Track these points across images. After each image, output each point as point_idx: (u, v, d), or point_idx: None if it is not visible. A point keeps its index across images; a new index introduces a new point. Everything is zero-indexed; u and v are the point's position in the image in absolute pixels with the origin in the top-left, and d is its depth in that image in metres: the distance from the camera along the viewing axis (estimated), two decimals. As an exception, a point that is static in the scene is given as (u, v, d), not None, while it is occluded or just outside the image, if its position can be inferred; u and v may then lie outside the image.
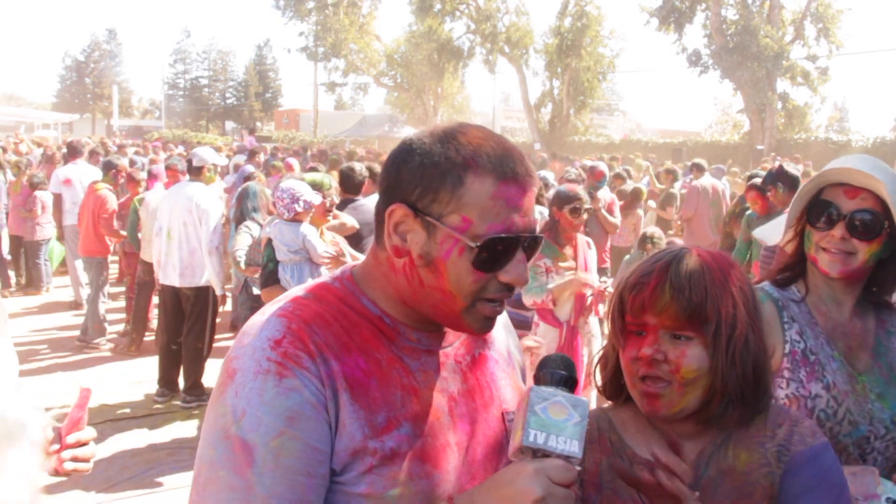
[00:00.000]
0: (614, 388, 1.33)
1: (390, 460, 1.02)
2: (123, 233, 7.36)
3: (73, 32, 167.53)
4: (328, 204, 4.54)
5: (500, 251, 1.02)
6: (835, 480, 1.21)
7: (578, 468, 0.98)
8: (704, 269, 1.20)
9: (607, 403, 1.40)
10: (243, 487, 0.96)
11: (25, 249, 9.37)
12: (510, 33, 30.10)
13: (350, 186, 5.50)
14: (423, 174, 1.03)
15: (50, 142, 20.00)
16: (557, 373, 1.05)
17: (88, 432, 1.59)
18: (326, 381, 1.00)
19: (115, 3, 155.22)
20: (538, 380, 1.06)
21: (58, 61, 78.38)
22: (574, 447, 0.97)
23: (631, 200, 8.65)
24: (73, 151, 8.64)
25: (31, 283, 9.44)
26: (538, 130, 30.63)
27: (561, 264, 4.40)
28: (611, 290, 4.87)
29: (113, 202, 7.31)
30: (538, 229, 1.14)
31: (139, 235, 6.98)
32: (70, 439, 1.55)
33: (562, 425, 0.98)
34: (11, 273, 9.76)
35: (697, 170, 9.23)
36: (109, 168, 7.71)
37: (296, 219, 4.27)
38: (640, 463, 1.23)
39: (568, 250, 4.47)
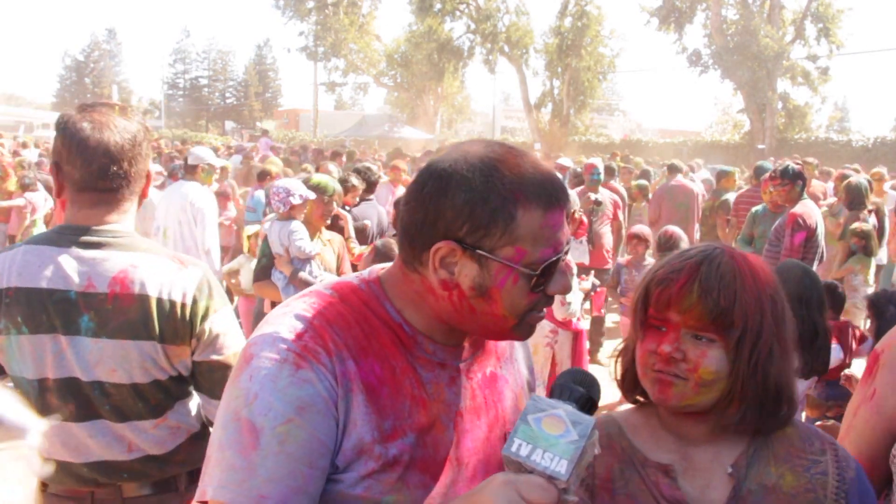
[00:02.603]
0: (631, 380, 1.30)
1: (391, 467, 1.04)
2: None
3: (72, 32, 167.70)
4: (326, 209, 4.54)
5: (552, 271, 1.06)
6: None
7: (573, 499, 0.89)
8: (736, 273, 1.17)
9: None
10: (245, 468, 0.97)
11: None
12: (510, 33, 30.06)
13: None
14: (471, 211, 1.02)
15: (51, 142, 20.00)
16: (574, 388, 0.96)
17: None
18: (341, 379, 1.02)
19: (115, 3, 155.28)
20: (551, 392, 1.00)
21: (58, 61, 78.39)
22: (561, 467, 0.86)
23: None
24: None
25: None
26: (538, 130, 30.61)
27: None
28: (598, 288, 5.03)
29: None
30: None
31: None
32: None
33: (553, 441, 0.88)
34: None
35: (671, 171, 9.12)
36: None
37: (289, 216, 4.30)
38: (652, 466, 1.22)
39: None
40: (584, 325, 4.95)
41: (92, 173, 1.67)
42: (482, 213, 1.01)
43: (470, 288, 1.05)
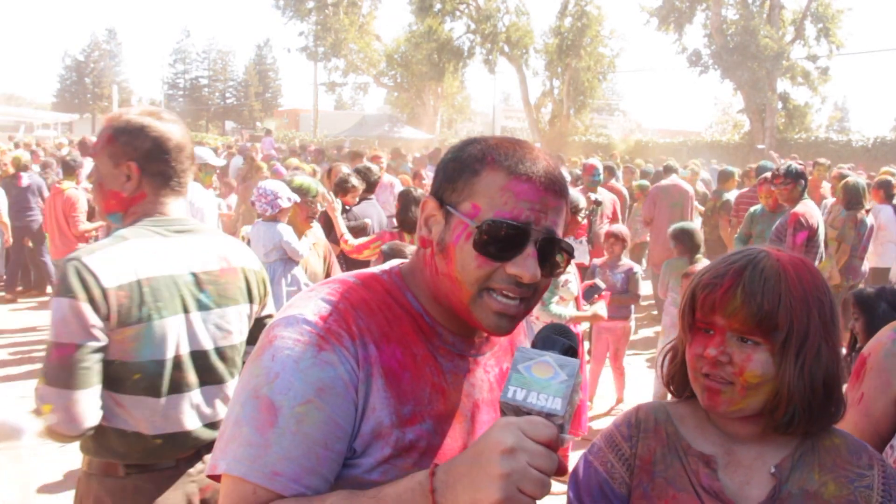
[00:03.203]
0: (680, 381, 1.33)
1: (407, 452, 1.05)
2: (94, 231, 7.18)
3: (73, 32, 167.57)
4: (310, 211, 4.53)
5: (502, 237, 1.03)
6: None
7: (568, 437, 0.94)
8: (781, 276, 1.18)
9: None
10: (262, 444, 0.99)
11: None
12: (510, 33, 30.03)
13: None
14: (447, 168, 1.11)
15: (48, 142, 19.96)
16: (554, 338, 1.01)
17: None
18: (362, 363, 1.04)
19: (115, 3, 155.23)
20: (534, 344, 1.02)
21: (58, 61, 78.37)
22: (556, 404, 0.91)
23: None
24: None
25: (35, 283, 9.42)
26: (538, 130, 30.59)
27: (567, 270, 4.40)
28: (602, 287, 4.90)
29: (83, 202, 7.01)
30: None
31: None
32: None
33: (545, 383, 0.93)
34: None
35: (666, 171, 9.13)
36: (73, 167, 7.38)
37: (274, 218, 4.27)
38: (694, 455, 1.25)
39: None
40: (582, 326, 4.86)
41: (182, 172, 1.93)
42: (453, 169, 1.10)
43: (437, 244, 1.09)
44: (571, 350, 1.01)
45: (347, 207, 5.68)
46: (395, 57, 34.13)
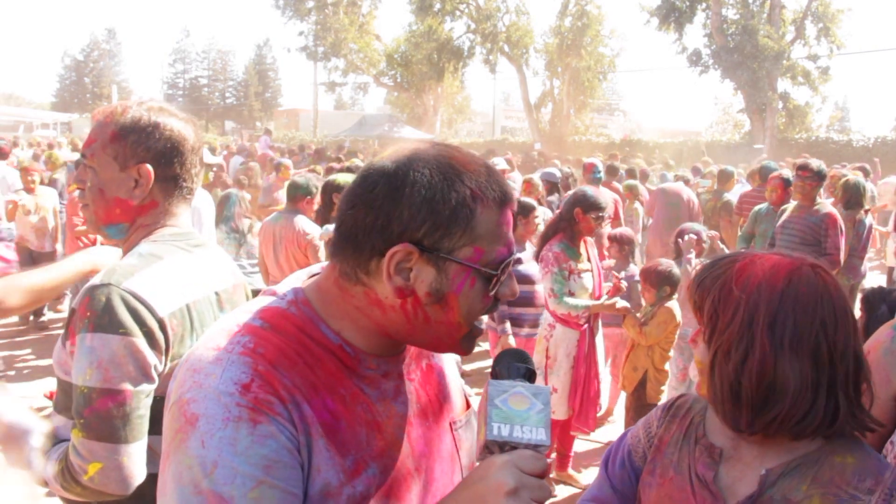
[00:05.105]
0: None
1: None
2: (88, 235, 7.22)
3: (72, 32, 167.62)
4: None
5: (508, 272, 1.04)
6: None
7: (549, 460, 0.95)
8: (721, 275, 1.24)
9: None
10: None
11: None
12: (510, 33, 30.07)
13: None
14: (431, 210, 0.96)
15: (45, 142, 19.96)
16: (515, 366, 1.03)
17: None
18: (300, 425, 0.95)
19: (115, 3, 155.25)
20: (495, 375, 1.04)
21: (57, 61, 78.43)
22: (541, 435, 0.94)
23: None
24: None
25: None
26: (538, 130, 30.61)
27: (580, 266, 4.40)
28: (625, 284, 4.85)
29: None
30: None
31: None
32: None
33: (525, 415, 0.95)
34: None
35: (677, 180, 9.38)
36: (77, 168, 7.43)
37: None
38: (704, 445, 1.32)
39: (582, 250, 4.49)
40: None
41: (195, 177, 1.69)
42: (443, 212, 0.96)
43: (426, 294, 0.99)
44: (531, 373, 1.04)
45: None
46: (395, 57, 34.13)
